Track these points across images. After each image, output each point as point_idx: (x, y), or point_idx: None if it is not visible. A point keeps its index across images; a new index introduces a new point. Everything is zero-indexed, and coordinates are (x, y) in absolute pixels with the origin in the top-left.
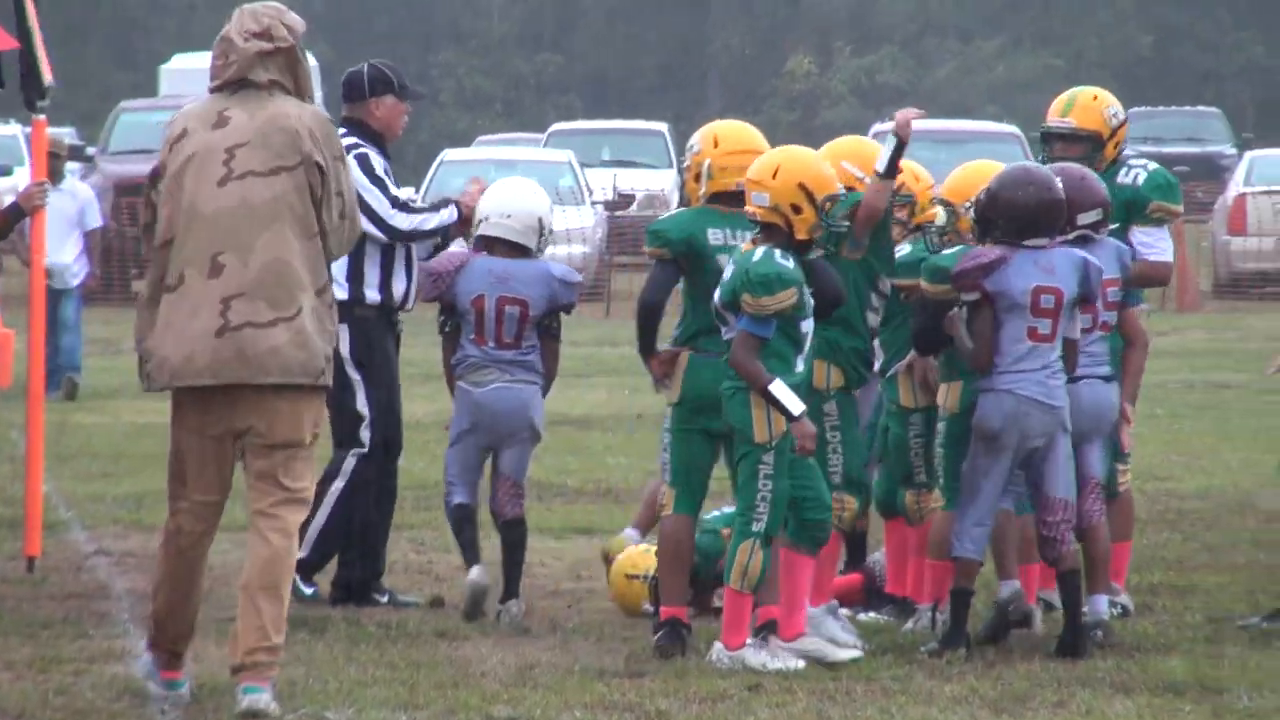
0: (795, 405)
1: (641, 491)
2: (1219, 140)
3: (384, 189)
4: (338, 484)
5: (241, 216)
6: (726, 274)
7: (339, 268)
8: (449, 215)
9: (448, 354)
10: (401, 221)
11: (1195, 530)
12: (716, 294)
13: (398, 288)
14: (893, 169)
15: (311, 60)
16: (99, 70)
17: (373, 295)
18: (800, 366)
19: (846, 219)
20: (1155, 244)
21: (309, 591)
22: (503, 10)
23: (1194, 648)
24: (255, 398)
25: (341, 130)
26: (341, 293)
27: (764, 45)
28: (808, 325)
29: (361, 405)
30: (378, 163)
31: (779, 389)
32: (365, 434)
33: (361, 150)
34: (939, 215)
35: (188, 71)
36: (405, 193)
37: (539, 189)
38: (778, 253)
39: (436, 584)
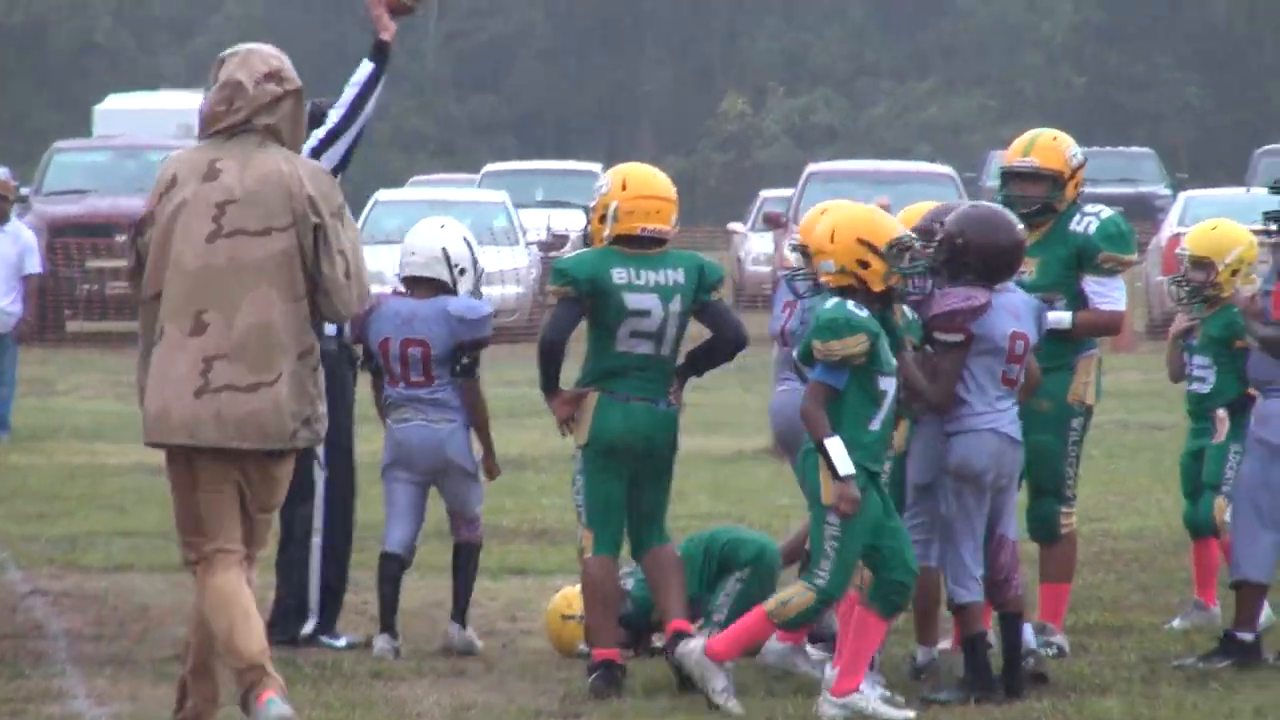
0: (845, 466)
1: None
2: (1153, 180)
3: None
4: (315, 540)
5: (229, 275)
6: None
7: None
8: None
9: (377, 392)
10: None
11: (1130, 571)
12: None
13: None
14: None
15: None
16: (32, 110)
17: (330, 331)
18: (877, 425)
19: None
20: (1108, 293)
21: (342, 643)
22: (436, 51)
23: (1130, 688)
24: (235, 458)
25: None
26: None
27: (697, 85)
28: (887, 383)
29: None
30: None
31: (834, 445)
32: (318, 474)
33: None
34: (794, 258)
35: (122, 112)
36: None
37: (450, 224)
38: (850, 303)
39: (370, 624)
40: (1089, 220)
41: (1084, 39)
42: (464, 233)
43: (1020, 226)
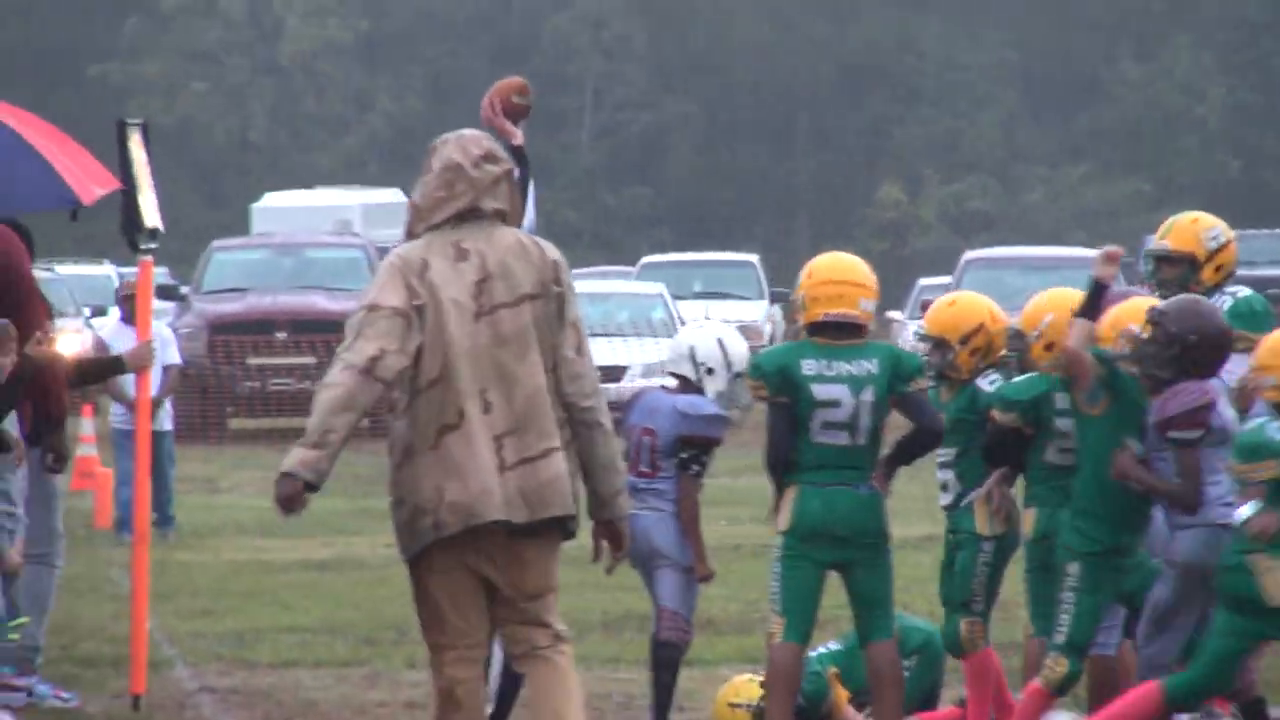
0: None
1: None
2: None
3: None
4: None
5: (498, 351)
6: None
7: None
8: None
9: None
10: None
11: None
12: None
13: None
14: (1092, 310)
15: (401, 196)
16: (189, 209)
17: None
18: None
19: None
20: (1236, 370)
21: None
22: (590, 144)
23: None
24: (506, 543)
25: None
26: None
27: (852, 174)
28: None
29: None
30: None
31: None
32: None
33: None
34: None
35: (279, 209)
36: None
37: (710, 324)
38: (1275, 423)
39: None
40: (1224, 300)
41: (1238, 122)
42: (723, 333)
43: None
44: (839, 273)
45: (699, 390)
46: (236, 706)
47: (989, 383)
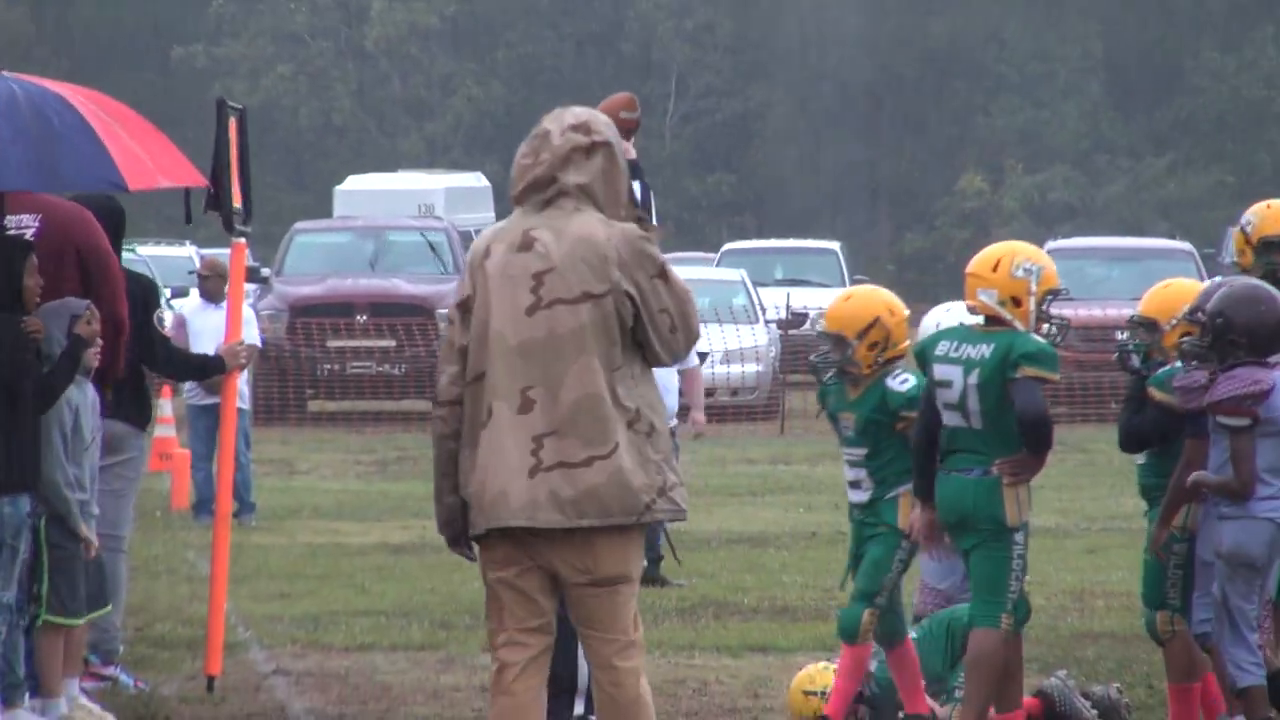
0: None
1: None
2: None
3: None
4: None
5: (550, 348)
6: None
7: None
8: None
9: None
10: None
11: None
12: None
13: None
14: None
15: (484, 180)
16: (272, 192)
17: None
18: None
19: None
20: None
21: None
22: (674, 130)
23: None
24: (568, 537)
25: None
26: None
27: (935, 163)
28: None
29: None
30: None
31: None
32: None
33: None
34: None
35: (361, 193)
36: None
37: (957, 310)
38: None
39: None
40: None
41: None
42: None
43: None
44: (970, 264)
45: None
46: (310, 689)
47: (899, 382)
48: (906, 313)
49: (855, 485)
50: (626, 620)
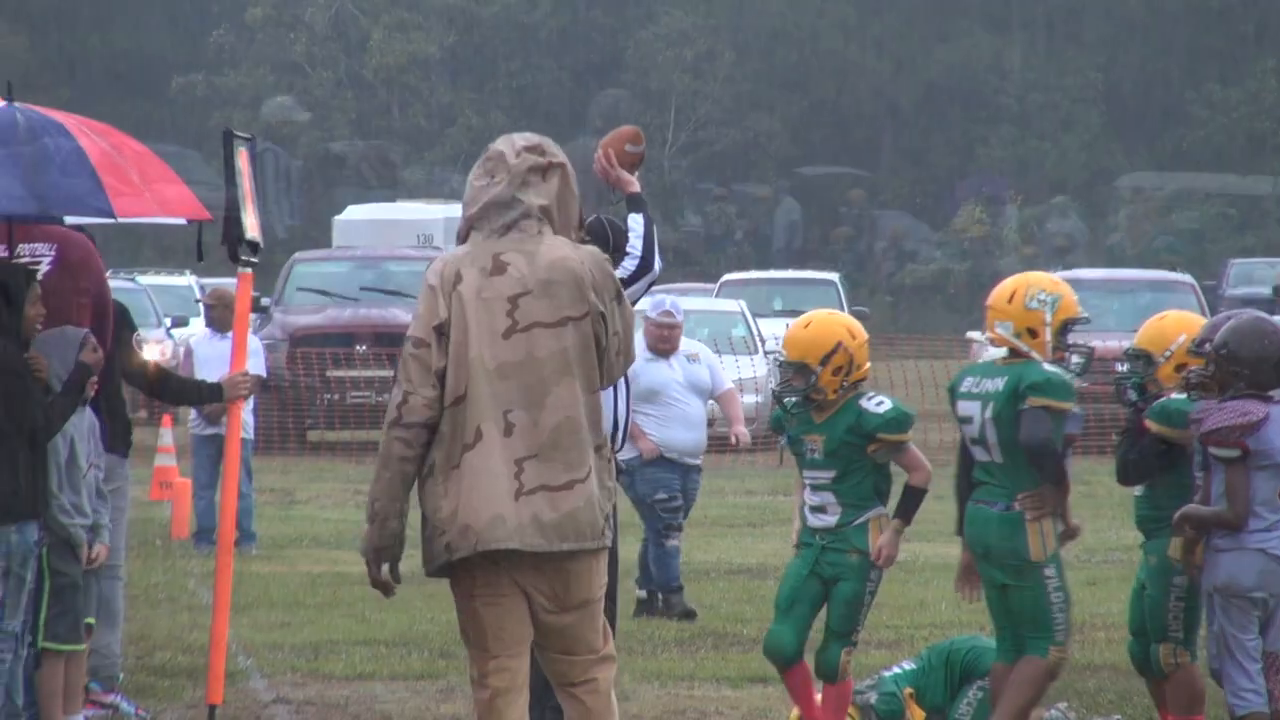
0: None
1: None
2: None
3: None
4: None
5: (529, 372)
6: None
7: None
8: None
9: None
10: None
11: None
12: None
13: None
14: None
15: None
16: (270, 222)
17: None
18: None
19: None
20: None
21: None
22: (672, 160)
23: None
24: (543, 561)
25: None
26: None
27: (935, 194)
28: None
29: None
30: None
31: None
32: None
33: None
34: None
35: (360, 222)
36: None
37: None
38: None
39: None
40: None
41: None
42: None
43: None
44: (990, 296)
45: None
46: (311, 718)
47: (875, 404)
48: (866, 336)
49: (819, 510)
50: (598, 636)
